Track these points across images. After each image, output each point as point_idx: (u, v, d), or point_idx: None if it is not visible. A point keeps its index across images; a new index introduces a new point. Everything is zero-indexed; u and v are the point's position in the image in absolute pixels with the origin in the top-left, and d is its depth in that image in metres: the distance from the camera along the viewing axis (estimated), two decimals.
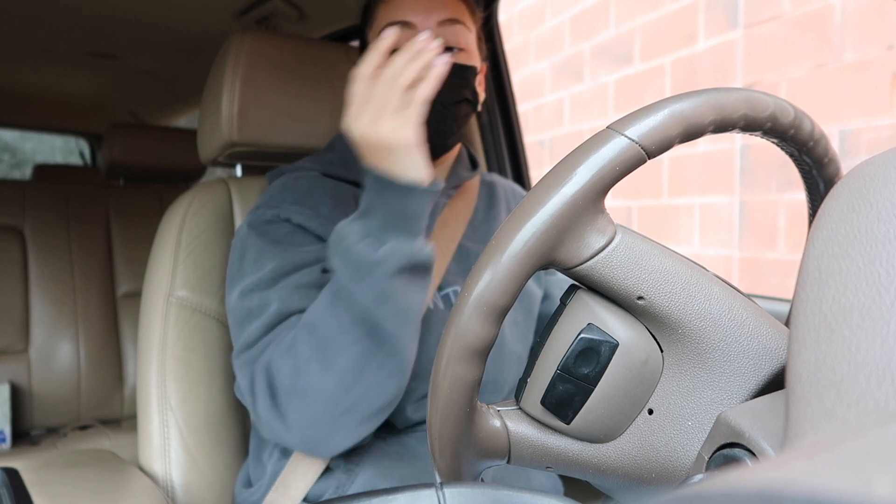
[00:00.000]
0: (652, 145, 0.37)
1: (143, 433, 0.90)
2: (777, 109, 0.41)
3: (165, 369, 0.89)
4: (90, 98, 2.16)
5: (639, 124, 0.37)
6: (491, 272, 0.36)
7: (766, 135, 0.42)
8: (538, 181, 0.38)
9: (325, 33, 1.38)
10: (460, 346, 0.37)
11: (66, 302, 1.75)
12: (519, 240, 0.36)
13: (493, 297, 0.36)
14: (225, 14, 1.31)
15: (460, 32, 0.81)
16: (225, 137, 0.94)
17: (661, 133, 0.37)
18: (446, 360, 0.38)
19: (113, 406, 1.79)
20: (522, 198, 0.54)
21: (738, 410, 0.36)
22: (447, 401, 0.38)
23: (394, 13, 0.80)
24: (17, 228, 1.73)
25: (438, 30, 0.80)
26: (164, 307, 0.90)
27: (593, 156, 0.37)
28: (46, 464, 0.85)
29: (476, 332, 0.37)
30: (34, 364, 1.69)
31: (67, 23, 1.41)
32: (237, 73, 0.93)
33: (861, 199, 0.24)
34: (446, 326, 0.38)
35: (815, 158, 0.45)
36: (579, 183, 0.36)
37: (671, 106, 0.37)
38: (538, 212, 0.36)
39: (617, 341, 0.39)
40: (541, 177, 0.38)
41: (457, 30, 0.81)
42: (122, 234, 1.87)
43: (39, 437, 1.68)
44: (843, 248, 0.24)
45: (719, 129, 0.39)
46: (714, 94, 0.38)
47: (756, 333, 0.39)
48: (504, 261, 0.36)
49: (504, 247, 0.36)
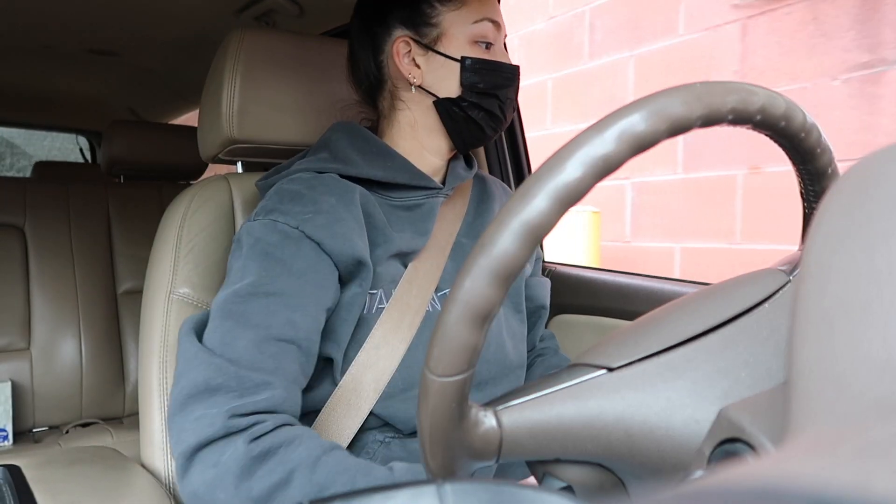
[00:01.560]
0: (638, 145, 0.37)
1: (145, 430, 0.90)
2: (767, 101, 0.40)
3: (167, 366, 0.89)
4: (90, 95, 2.16)
5: (623, 122, 0.36)
6: (472, 277, 0.36)
7: (756, 127, 0.42)
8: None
9: (324, 30, 1.38)
10: (450, 346, 0.37)
11: (68, 299, 1.75)
12: (502, 242, 0.36)
13: (479, 301, 0.36)
14: (225, 11, 1.31)
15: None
16: (225, 134, 0.94)
17: (648, 129, 0.36)
18: (436, 360, 0.38)
19: (115, 403, 1.79)
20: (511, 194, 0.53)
21: (739, 406, 0.36)
22: (438, 401, 0.38)
23: (486, 10, 0.83)
24: (17, 226, 1.73)
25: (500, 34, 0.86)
26: (166, 304, 0.90)
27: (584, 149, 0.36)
28: (48, 461, 0.86)
29: (464, 334, 0.37)
30: (36, 362, 1.69)
31: (68, 20, 1.40)
32: (237, 70, 0.93)
33: (862, 194, 0.24)
34: (434, 327, 0.38)
35: (807, 149, 0.45)
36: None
37: (658, 101, 0.37)
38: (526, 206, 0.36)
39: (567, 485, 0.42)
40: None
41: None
42: (122, 231, 1.87)
43: (41, 435, 1.68)
44: (844, 243, 0.23)
45: (707, 123, 0.38)
46: (701, 88, 0.38)
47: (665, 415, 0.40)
48: (488, 264, 0.36)
49: (490, 248, 0.36)
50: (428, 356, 0.38)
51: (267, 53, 0.95)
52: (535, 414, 0.41)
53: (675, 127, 0.37)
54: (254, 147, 0.97)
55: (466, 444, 0.40)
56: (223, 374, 0.65)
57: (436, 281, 0.83)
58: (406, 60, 0.84)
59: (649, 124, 0.36)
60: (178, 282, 0.91)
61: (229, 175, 1.00)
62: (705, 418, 0.39)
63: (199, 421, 0.63)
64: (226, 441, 0.63)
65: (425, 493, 0.24)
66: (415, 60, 0.84)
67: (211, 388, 0.64)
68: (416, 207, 0.85)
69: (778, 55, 1.74)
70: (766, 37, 1.74)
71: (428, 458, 0.40)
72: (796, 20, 1.68)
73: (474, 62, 0.82)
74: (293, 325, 0.69)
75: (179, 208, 0.94)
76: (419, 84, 0.84)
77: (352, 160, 0.82)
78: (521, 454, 0.42)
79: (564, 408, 0.41)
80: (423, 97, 0.85)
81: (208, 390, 0.64)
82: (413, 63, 0.84)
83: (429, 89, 0.84)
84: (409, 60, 0.84)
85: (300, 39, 1.00)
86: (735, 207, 1.97)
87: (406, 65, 0.84)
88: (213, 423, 0.63)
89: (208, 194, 0.95)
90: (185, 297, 0.91)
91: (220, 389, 0.64)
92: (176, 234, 0.92)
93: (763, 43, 1.75)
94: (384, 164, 0.83)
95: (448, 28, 0.82)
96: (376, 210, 0.80)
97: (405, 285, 0.81)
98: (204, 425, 0.63)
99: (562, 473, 0.43)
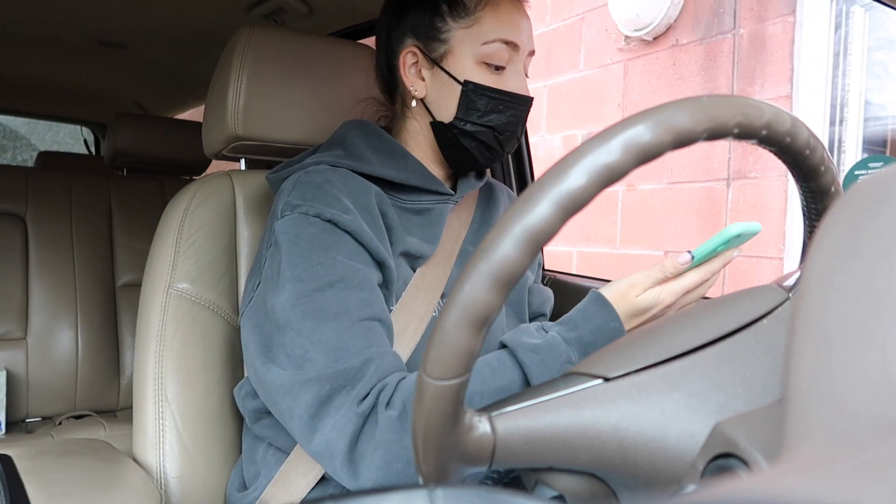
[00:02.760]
0: (644, 152, 0.37)
1: (138, 424, 0.90)
2: (773, 117, 0.40)
3: (163, 361, 0.89)
4: (97, 87, 2.16)
5: (629, 132, 0.36)
6: (472, 282, 0.36)
7: (761, 143, 0.42)
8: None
9: (333, 30, 1.38)
10: (448, 349, 0.37)
11: (66, 290, 1.75)
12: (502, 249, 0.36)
13: (478, 306, 0.36)
14: (234, 8, 1.31)
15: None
16: (229, 131, 0.94)
17: (653, 139, 0.36)
18: (432, 363, 0.37)
19: (109, 396, 1.79)
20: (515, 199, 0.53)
21: (734, 421, 0.36)
22: (433, 404, 0.38)
23: (506, 30, 0.78)
24: (18, 215, 1.73)
25: (526, 59, 0.82)
26: (164, 298, 0.90)
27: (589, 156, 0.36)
28: (40, 452, 0.85)
29: (462, 338, 0.36)
30: (32, 351, 1.69)
31: (76, 11, 1.41)
32: (244, 67, 0.93)
33: (863, 214, 0.24)
34: (433, 330, 0.38)
35: (811, 167, 0.45)
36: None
37: (665, 112, 0.37)
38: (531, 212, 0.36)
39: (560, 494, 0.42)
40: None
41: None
42: (123, 224, 1.87)
43: (34, 426, 1.68)
44: (844, 261, 0.23)
45: (713, 136, 0.39)
46: (708, 101, 0.38)
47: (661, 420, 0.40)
48: (488, 269, 0.36)
49: (491, 253, 0.36)
50: (425, 359, 0.38)
51: (274, 52, 0.95)
52: (529, 421, 0.41)
53: (681, 139, 0.37)
54: (258, 145, 0.97)
55: (460, 448, 0.40)
56: (325, 381, 0.64)
57: (441, 287, 0.82)
58: (412, 72, 0.82)
59: (655, 135, 0.36)
60: (177, 277, 0.91)
61: (232, 172, 1.00)
62: (700, 432, 0.38)
63: (336, 428, 0.63)
64: (368, 424, 0.62)
65: (416, 498, 0.23)
66: (421, 73, 0.82)
67: (324, 400, 0.64)
68: (425, 212, 0.83)
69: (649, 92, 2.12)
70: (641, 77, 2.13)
71: (420, 462, 0.40)
72: (661, 64, 2.06)
73: (476, 88, 0.78)
74: (368, 304, 0.69)
75: (181, 203, 0.94)
76: (421, 98, 0.82)
77: (366, 158, 0.80)
78: (514, 461, 0.42)
79: (559, 416, 0.41)
80: (424, 113, 0.83)
81: (324, 403, 0.64)
82: (419, 76, 0.82)
83: (429, 106, 0.82)
84: (416, 72, 0.82)
85: (308, 39, 1.00)
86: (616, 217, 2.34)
87: (412, 76, 0.82)
88: (348, 419, 0.62)
89: (211, 190, 0.95)
90: (184, 292, 0.91)
91: (332, 396, 0.64)
92: (177, 229, 0.92)
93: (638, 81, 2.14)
94: (397, 165, 0.81)
95: (456, 46, 0.79)
96: (390, 210, 0.78)
97: (412, 291, 0.80)
98: (342, 427, 0.63)
99: (554, 482, 0.43)
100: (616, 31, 2.10)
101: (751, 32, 1.81)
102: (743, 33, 1.83)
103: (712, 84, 1.92)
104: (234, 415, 0.94)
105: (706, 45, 1.93)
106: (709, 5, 1.91)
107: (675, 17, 1.98)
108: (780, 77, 1.77)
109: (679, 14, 1.98)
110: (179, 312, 0.90)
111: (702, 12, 1.93)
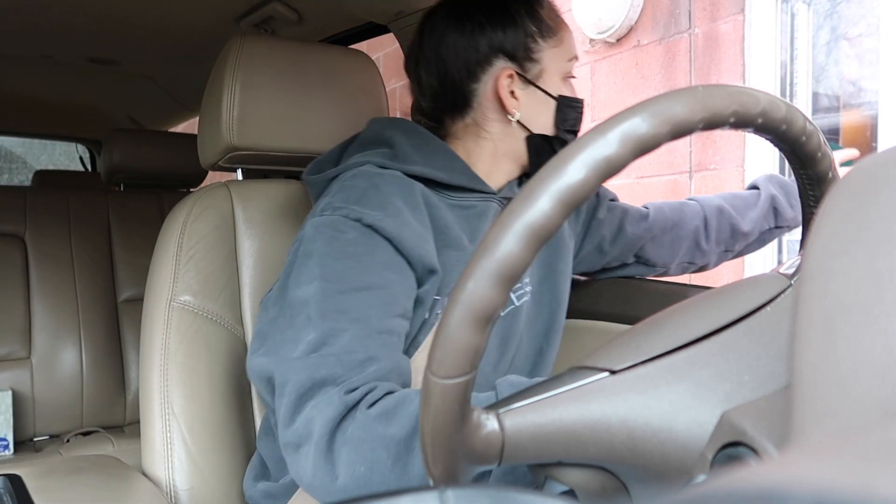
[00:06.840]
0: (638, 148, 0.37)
1: (145, 438, 0.90)
2: (769, 105, 0.41)
3: (168, 374, 0.89)
4: (90, 104, 2.16)
5: (626, 124, 0.36)
6: (474, 279, 0.36)
7: (757, 131, 0.42)
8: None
9: (323, 37, 1.38)
10: (452, 347, 0.37)
11: (68, 308, 1.75)
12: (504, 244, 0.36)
13: (481, 303, 0.36)
14: (224, 18, 1.31)
15: None
16: (225, 141, 0.94)
17: (650, 131, 0.36)
18: (438, 362, 0.37)
19: (116, 412, 1.79)
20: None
21: (742, 409, 0.36)
22: (440, 403, 0.38)
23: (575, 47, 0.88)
24: (18, 235, 1.73)
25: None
26: (166, 312, 0.90)
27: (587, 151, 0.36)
28: (50, 470, 0.85)
29: (466, 335, 0.36)
30: (36, 371, 1.69)
31: (67, 29, 1.41)
32: (236, 77, 0.93)
33: (862, 198, 0.24)
34: (437, 328, 0.38)
35: (807, 154, 0.45)
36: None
37: (660, 103, 0.37)
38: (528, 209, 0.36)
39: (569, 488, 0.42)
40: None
41: None
42: (123, 239, 1.87)
43: (42, 444, 1.68)
44: (845, 246, 0.23)
45: (709, 126, 0.39)
46: (703, 91, 0.38)
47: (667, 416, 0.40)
48: (490, 265, 0.36)
49: (493, 250, 0.36)
50: (430, 358, 0.38)
51: (266, 60, 0.95)
52: (537, 416, 0.41)
53: (678, 129, 0.37)
54: (254, 154, 0.97)
55: (468, 447, 0.40)
56: (324, 366, 0.64)
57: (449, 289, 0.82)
58: (507, 94, 0.83)
59: (651, 126, 0.36)
60: (178, 290, 0.91)
61: (230, 182, 1.00)
62: (708, 421, 0.38)
63: (318, 408, 0.62)
64: (347, 418, 0.62)
65: (427, 499, 0.23)
66: (513, 93, 0.83)
67: (318, 383, 0.63)
68: (471, 208, 0.84)
69: (615, 92, 2.17)
70: (607, 77, 2.19)
71: (429, 462, 0.40)
72: (625, 65, 2.12)
73: (567, 101, 0.85)
74: (389, 316, 0.69)
75: (180, 216, 0.94)
76: (518, 119, 0.84)
77: (413, 158, 0.81)
78: (523, 457, 0.42)
79: (567, 411, 0.41)
80: (518, 131, 0.85)
81: (315, 385, 0.63)
82: (512, 96, 0.84)
83: (525, 124, 0.84)
84: (509, 94, 0.83)
85: (299, 46, 1.00)
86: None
87: (508, 98, 0.83)
88: (331, 403, 0.62)
89: (209, 202, 0.95)
90: (186, 304, 0.91)
91: (326, 380, 0.63)
92: (176, 242, 0.92)
93: (605, 82, 2.21)
94: (443, 165, 0.82)
95: (549, 65, 0.84)
96: (440, 211, 0.79)
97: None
98: (323, 408, 0.62)
99: (564, 477, 0.43)
100: (581, 35, 2.16)
101: (705, 32, 1.89)
102: (698, 32, 1.90)
103: (672, 82, 1.99)
104: (242, 424, 0.94)
105: (665, 44, 1.99)
106: (666, 7, 1.98)
107: (636, 19, 2.05)
108: (732, 73, 1.84)
109: (639, 16, 2.05)
110: (182, 325, 0.90)
111: (660, 13, 2.00)
